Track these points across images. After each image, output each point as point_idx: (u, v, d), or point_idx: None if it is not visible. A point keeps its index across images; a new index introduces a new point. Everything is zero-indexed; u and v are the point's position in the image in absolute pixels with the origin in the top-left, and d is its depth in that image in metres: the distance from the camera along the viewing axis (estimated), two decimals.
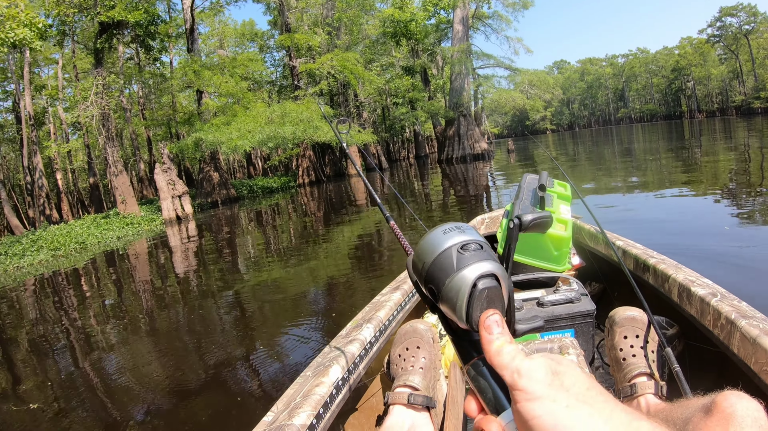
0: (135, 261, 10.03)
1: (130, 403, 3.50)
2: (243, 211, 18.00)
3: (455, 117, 30.44)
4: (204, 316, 5.33)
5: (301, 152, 27.86)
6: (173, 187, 16.98)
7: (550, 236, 2.06)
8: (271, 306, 5.39)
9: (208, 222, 15.67)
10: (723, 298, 1.40)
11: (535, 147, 35.61)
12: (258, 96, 28.17)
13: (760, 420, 0.74)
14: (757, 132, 20.24)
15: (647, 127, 47.98)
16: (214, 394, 3.44)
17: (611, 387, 1.67)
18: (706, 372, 1.53)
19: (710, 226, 5.79)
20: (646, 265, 1.87)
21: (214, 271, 7.71)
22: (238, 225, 13.99)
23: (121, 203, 17.48)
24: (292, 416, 1.15)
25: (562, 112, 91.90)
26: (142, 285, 7.45)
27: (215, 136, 18.15)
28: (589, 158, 20.88)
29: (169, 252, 10.67)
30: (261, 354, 4.07)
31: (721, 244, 4.91)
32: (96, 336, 5.22)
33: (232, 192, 22.24)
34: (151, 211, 18.33)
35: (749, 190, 7.82)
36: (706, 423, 0.77)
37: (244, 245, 10.08)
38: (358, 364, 1.53)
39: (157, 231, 14.30)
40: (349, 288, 5.57)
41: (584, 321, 1.70)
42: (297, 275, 6.63)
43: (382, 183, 20.87)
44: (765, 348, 1.12)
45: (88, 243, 13.08)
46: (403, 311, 1.99)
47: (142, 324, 5.46)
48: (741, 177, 9.40)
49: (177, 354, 4.41)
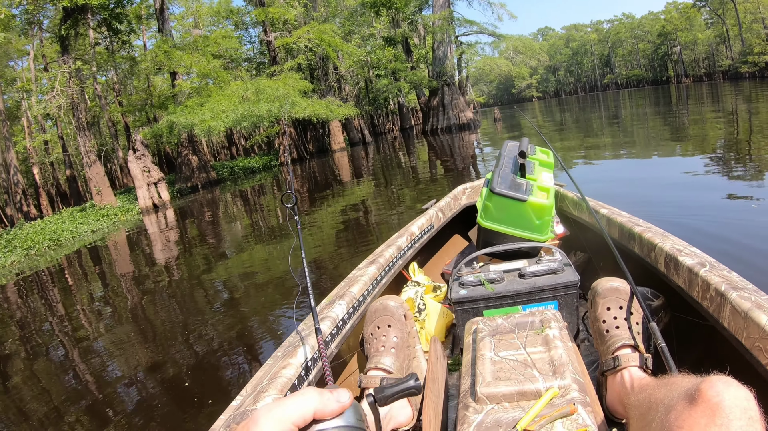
0: (110, 256, 9.75)
1: (118, 398, 3.45)
2: (224, 193, 17.76)
3: (439, 86, 30.15)
4: (185, 305, 5.27)
5: (281, 129, 27.43)
6: (148, 173, 16.63)
7: (532, 204, 2.01)
8: (254, 290, 5.34)
9: (188, 207, 15.40)
10: (712, 268, 1.35)
11: (521, 116, 35.56)
12: (235, 74, 27.54)
13: (749, 411, 0.67)
14: (745, 97, 20.31)
15: (634, 93, 48.06)
16: (197, 380, 3.39)
17: (596, 361, 1.63)
18: (694, 345, 1.50)
19: (701, 195, 5.76)
20: (631, 234, 1.82)
21: (194, 259, 7.61)
22: (218, 209, 13.78)
23: (96, 194, 17.03)
24: (257, 400, 1.12)
25: (548, 79, 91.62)
26: (116, 281, 7.28)
27: (188, 118, 17.67)
28: (576, 125, 20.88)
29: (147, 243, 10.42)
30: (247, 337, 4.03)
31: (712, 214, 4.87)
32: (71, 339, 5.14)
33: (213, 174, 21.88)
34: (128, 200, 17.91)
35: (740, 155, 7.81)
36: (690, 414, 0.69)
37: (224, 229, 9.95)
38: (330, 343, 1.48)
39: (134, 222, 13.94)
40: (337, 266, 5.52)
41: (568, 293, 1.65)
42: (281, 256, 6.56)
43: (367, 157, 20.73)
44: (757, 323, 1.07)
45: (62, 239, 12.63)
46: (379, 286, 1.93)
47: (118, 320, 5.38)
48: (731, 142, 9.41)
49: (159, 343, 4.37)
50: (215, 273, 6.37)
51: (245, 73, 32.31)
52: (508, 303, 1.67)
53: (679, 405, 0.72)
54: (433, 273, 2.73)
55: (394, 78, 30.98)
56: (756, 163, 6.91)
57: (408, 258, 2.31)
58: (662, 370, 1.07)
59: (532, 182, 2.12)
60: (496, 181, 2.09)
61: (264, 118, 19.37)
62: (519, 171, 2.16)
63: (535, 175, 2.19)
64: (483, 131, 26.36)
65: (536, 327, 1.33)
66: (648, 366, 1.21)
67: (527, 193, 2.02)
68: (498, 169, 2.19)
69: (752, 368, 1.09)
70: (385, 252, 2.12)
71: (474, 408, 1.09)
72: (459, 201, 3.05)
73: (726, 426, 0.65)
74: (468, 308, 1.70)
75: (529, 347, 1.24)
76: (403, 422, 1.38)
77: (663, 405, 0.78)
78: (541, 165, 2.34)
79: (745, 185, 5.77)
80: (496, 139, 19.54)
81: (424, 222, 2.56)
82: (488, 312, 1.67)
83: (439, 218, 2.75)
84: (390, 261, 2.09)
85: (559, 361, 1.14)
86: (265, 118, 19.47)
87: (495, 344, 1.29)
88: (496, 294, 1.67)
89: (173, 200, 17.66)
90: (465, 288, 1.72)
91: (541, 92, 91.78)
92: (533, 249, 2.03)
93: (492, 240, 2.10)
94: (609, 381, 1.27)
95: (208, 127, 17.44)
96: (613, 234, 1.97)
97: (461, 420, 1.08)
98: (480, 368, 1.18)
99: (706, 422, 0.66)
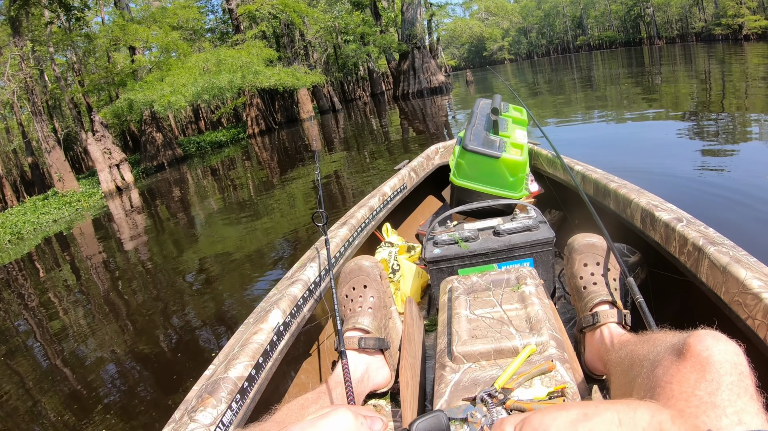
0: (75, 246, 9.27)
1: (101, 380, 3.39)
2: (191, 170, 17.31)
3: (409, 50, 29.71)
4: (154, 288, 5.18)
5: (247, 100, 26.69)
6: (109, 155, 16.03)
7: (505, 161, 1.99)
8: (229, 267, 5.26)
9: (154, 187, 14.95)
10: (689, 224, 1.34)
11: (494, 78, 35.46)
12: (198, 46, 26.54)
13: (740, 366, 0.66)
14: (719, 59, 20.58)
15: (606, 54, 48.29)
16: (178, 354, 3.37)
17: (573, 319, 1.64)
18: (671, 301, 1.51)
19: (674, 153, 5.85)
20: (606, 190, 1.81)
21: (159, 242, 7.42)
22: (186, 187, 13.43)
23: (58, 181, 16.27)
24: (229, 368, 1.10)
25: (520, 41, 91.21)
26: (81, 271, 7.01)
27: (146, 94, 17.00)
28: (548, 86, 20.92)
29: (111, 229, 9.98)
30: (226, 312, 4.01)
31: (686, 170, 4.95)
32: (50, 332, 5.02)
33: (179, 151, 21.23)
34: (91, 184, 17.16)
35: (712, 114, 7.93)
36: (678, 369, 0.68)
37: (192, 209, 9.73)
38: (302, 307, 1.46)
39: (98, 207, 13.34)
40: (313, 234, 5.48)
41: (543, 250, 1.65)
42: (253, 232, 6.48)
43: (337, 125, 20.46)
44: (736, 277, 1.07)
45: (24, 232, 11.92)
46: (351, 247, 1.91)
47: (89, 309, 5.27)
48: (703, 102, 9.54)
49: (134, 325, 4.32)
50: (187, 256, 6.25)
51: (209, 44, 31.24)
52: (483, 262, 1.66)
53: (666, 360, 0.71)
54: (408, 234, 2.71)
55: (363, 43, 30.43)
56: (728, 122, 7.04)
57: (381, 219, 2.29)
58: (640, 327, 1.07)
59: (505, 139, 2.09)
60: (468, 138, 2.05)
61: (226, 90, 18.83)
62: (492, 128, 2.13)
63: (509, 132, 2.16)
64: (455, 95, 26.22)
65: (512, 285, 1.33)
66: (627, 323, 1.21)
67: (500, 149, 2.00)
68: (470, 126, 2.15)
69: (731, 323, 1.09)
70: (357, 213, 2.09)
71: (451, 368, 1.09)
72: (432, 161, 3.02)
73: (717, 382, 0.64)
74: (443, 267, 1.69)
75: (505, 304, 1.24)
76: (381, 383, 1.38)
77: (648, 361, 0.78)
78: (515, 122, 2.32)
79: (717, 145, 5.89)
80: (470, 103, 19.42)
81: (396, 183, 2.53)
82: (463, 271, 1.66)
83: (411, 178, 2.72)
84: (362, 222, 2.06)
85: (535, 318, 1.14)
86: (227, 90, 18.93)
87: (470, 302, 1.28)
88: (470, 253, 1.66)
89: (138, 181, 17.09)
90: (439, 247, 1.71)
91: (513, 55, 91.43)
92: (507, 207, 2.02)
93: (466, 198, 2.08)
94: (587, 338, 1.27)
95: (168, 103, 16.84)
96: (588, 190, 1.96)
97: (438, 380, 1.07)
98: (456, 327, 1.17)
99: (696, 377, 0.66)
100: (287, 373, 1.48)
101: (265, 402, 1.21)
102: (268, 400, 1.27)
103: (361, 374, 1.29)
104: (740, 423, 0.60)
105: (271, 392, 1.30)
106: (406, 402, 1.15)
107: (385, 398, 1.44)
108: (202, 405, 0.98)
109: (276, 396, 1.39)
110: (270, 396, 1.31)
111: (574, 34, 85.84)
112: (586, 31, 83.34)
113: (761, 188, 4.09)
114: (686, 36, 59.32)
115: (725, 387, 0.63)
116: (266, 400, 1.23)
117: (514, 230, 1.69)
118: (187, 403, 1.03)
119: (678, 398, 0.65)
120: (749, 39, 34.56)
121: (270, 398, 1.32)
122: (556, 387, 0.97)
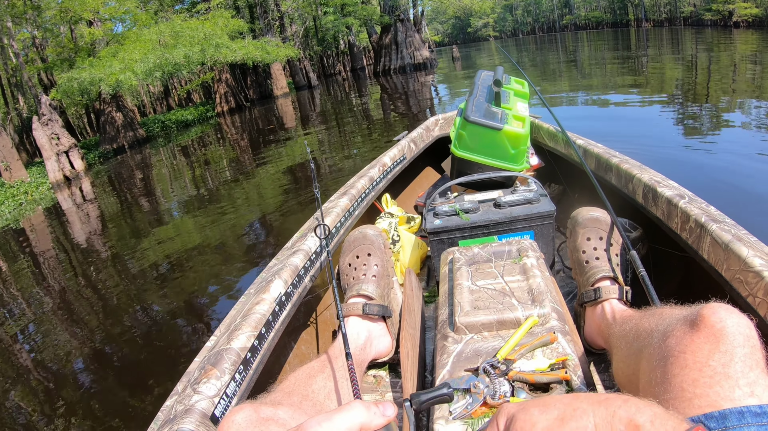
0: (18, 246, 8.14)
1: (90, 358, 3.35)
2: (153, 152, 16.37)
3: (391, 23, 29.34)
4: (133, 274, 5.07)
5: (216, 76, 25.82)
6: (57, 141, 14.67)
7: (507, 133, 2.03)
8: (190, 261, 5.09)
9: (111, 174, 13.86)
10: (691, 201, 1.39)
11: (479, 55, 35.36)
12: (163, 16, 25.35)
13: (752, 339, 0.68)
14: (707, 44, 20.81)
15: (593, 35, 48.57)
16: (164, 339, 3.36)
17: (573, 291, 1.70)
18: (671, 277, 1.56)
19: (661, 133, 5.97)
20: (608, 165, 1.86)
21: (115, 236, 7.02)
22: (148, 173, 12.64)
23: (5, 170, 14.73)
24: (231, 339, 1.11)
25: (505, 18, 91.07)
26: (23, 276, 6.26)
27: (92, 72, 15.79)
28: (533, 65, 20.95)
29: (62, 223, 9.07)
30: (212, 294, 4.00)
31: (677, 151, 5.08)
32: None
33: (141, 132, 20.00)
34: (41, 174, 15.45)
35: (699, 98, 8.09)
36: (692, 338, 0.71)
37: (151, 197, 9.24)
38: (303, 277, 1.48)
39: (45, 200, 12.13)
40: (300, 210, 5.44)
41: (544, 223, 1.70)
42: (217, 223, 6.29)
43: (312, 103, 20.15)
44: (738, 254, 1.11)
45: None
46: (352, 217, 1.94)
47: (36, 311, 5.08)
48: (689, 85, 9.71)
49: (96, 319, 4.25)
50: (144, 250, 5.88)
51: (178, 16, 30.31)
52: (484, 233, 1.71)
53: (679, 331, 0.74)
54: (407, 205, 2.76)
55: (343, 14, 29.93)
56: (713, 105, 7.21)
57: (380, 190, 2.32)
58: (642, 302, 1.10)
59: (507, 111, 2.13)
60: (470, 109, 2.09)
61: (182, 67, 17.79)
62: (494, 100, 2.16)
63: (510, 104, 2.20)
64: (440, 71, 26.00)
65: (513, 256, 1.37)
66: (628, 299, 1.25)
67: (502, 121, 2.04)
68: (472, 97, 2.18)
69: (732, 301, 1.11)
70: (357, 183, 2.12)
71: (453, 338, 1.12)
72: (431, 132, 3.06)
73: (730, 353, 0.66)
74: (443, 238, 1.73)
75: (506, 276, 1.28)
76: (383, 351, 1.41)
77: (658, 332, 0.80)
78: (516, 95, 2.35)
79: (703, 125, 6.03)
80: (456, 81, 19.30)
81: (396, 153, 2.56)
82: (464, 242, 1.71)
83: (411, 149, 2.75)
84: (362, 192, 2.09)
85: (537, 290, 1.18)
86: (183, 66, 17.89)
87: (472, 273, 1.32)
88: (471, 224, 1.70)
89: (93, 167, 15.89)
90: (440, 218, 1.75)
91: (497, 32, 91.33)
92: (508, 179, 2.07)
93: (466, 170, 2.12)
94: (588, 312, 1.32)
95: (117, 81, 15.69)
96: (590, 165, 2.01)
97: (440, 351, 1.10)
98: (458, 297, 1.20)
99: (710, 348, 0.68)
100: (288, 344, 1.51)
101: (267, 372, 1.24)
102: (269, 371, 1.31)
103: (364, 341, 1.33)
104: (753, 395, 0.63)
105: (272, 363, 1.33)
106: (407, 373, 1.17)
107: (385, 368, 1.48)
108: (206, 377, 1.00)
109: (277, 367, 1.42)
110: (271, 367, 1.35)
111: (560, 13, 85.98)
112: (573, 10, 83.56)
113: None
114: (674, 19, 59.92)
115: (738, 359, 0.66)
116: (268, 371, 1.26)
117: (515, 202, 1.74)
118: (189, 375, 1.04)
119: (692, 367, 0.68)
120: (739, 26, 35.10)
121: (271, 369, 1.35)
122: (557, 359, 1.01)
